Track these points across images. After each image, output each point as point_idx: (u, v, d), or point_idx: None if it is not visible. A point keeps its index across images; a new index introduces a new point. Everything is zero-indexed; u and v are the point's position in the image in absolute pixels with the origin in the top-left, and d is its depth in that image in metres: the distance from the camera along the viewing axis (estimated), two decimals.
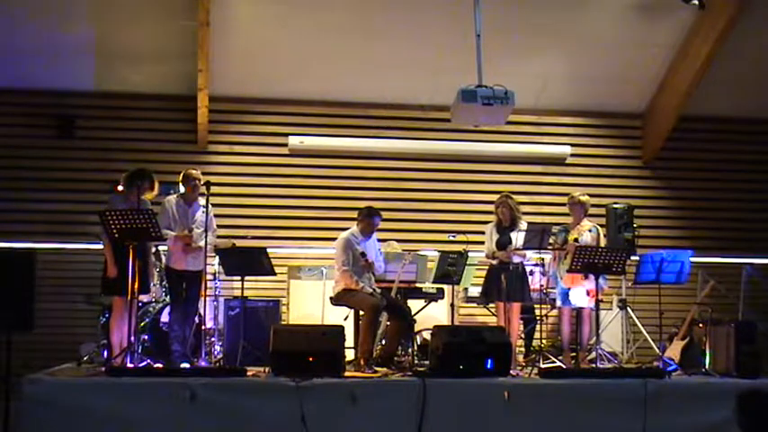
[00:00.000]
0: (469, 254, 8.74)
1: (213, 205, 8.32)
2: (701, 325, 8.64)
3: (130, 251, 7.26)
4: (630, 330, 10.01)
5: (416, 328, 8.87)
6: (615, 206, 10.19)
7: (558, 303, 8.82)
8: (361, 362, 7.95)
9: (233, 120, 10.88)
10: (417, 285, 9.27)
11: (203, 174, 8.52)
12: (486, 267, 8.96)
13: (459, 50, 8.85)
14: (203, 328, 8.39)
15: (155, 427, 6.62)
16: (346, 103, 10.99)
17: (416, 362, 8.42)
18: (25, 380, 6.71)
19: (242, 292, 8.23)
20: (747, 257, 10.81)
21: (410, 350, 8.70)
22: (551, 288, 9.14)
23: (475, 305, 10.01)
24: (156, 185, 7.87)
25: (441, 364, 7.40)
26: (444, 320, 9.10)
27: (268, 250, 8.31)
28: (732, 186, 11.56)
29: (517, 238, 8.52)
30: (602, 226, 9.46)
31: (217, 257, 8.75)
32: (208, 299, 8.48)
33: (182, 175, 8.32)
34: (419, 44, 10.13)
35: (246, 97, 10.83)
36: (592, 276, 8.18)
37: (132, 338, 7.41)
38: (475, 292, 9.73)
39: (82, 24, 9.78)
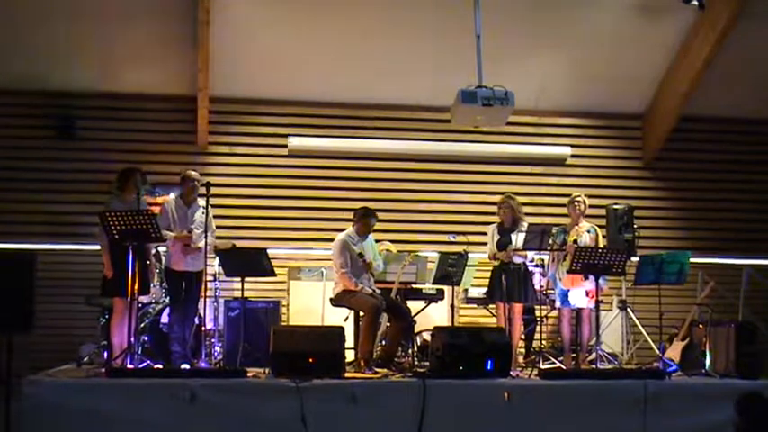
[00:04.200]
0: (469, 255, 8.73)
1: (213, 206, 8.32)
2: (701, 326, 8.66)
3: (130, 252, 7.26)
4: (630, 331, 10.01)
5: (416, 328, 8.88)
6: (615, 207, 10.18)
7: (558, 304, 8.83)
8: (362, 363, 7.96)
9: (233, 120, 10.87)
10: (417, 286, 9.28)
11: (203, 174, 8.53)
12: (488, 268, 8.97)
13: (459, 51, 8.85)
14: (203, 329, 8.39)
15: (155, 428, 6.64)
16: (346, 104, 10.98)
17: (416, 363, 8.43)
18: (25, 381, 6.73)
19: (242, 293, 8.21)
20: (747, 258, 10.81)
21: (410, 351, 8.71)
22: (551, 289, 9.14)
23: (475, 306, 10.01)
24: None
25: (441, 364, 7.40)
26: (444, 321, 9.10)
27: (268, 251, 8.30)
28: (732, 187, 11.54)
29: (517, 238, 8.53)
30: (602, 227, 9.46)
31: (217, 258, 8.75)
32: (208, 300, 8.47)
33: (180, 176, 8.33)
34: (419, 45, 10.13)
35: (246, 98, 10.81)
36: (591, 277, 8.19)
37: (132, 339, 7.41)
38: (475, 292, 9.73)
39: (81, 24, 9.77)
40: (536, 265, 9.15)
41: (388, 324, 8.56)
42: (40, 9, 9.56)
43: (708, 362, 8.20)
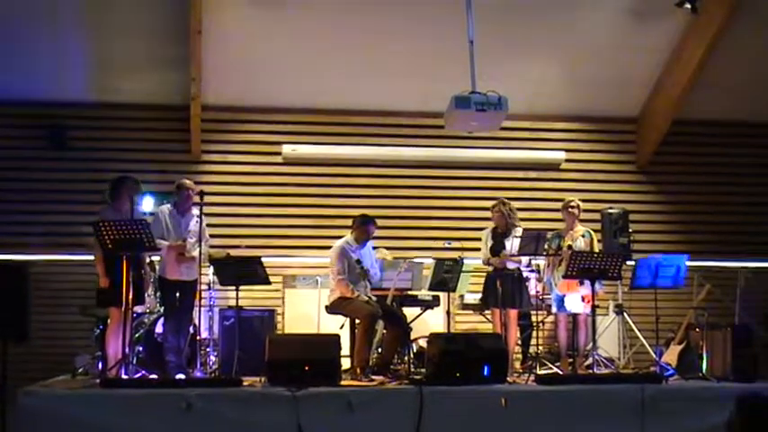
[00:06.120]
0: (465, 261, 8.72)
1: (207, 215, 8.29)
2: (697, 329, 8.65)
3: (124, 262, 7.23)
4: (627, 335, 10.01)
5: (412, 335, 8.84)
6: (610, 211, 10.18)
7: (554, 310, 8.82)
8: (358, 370, 7.94)
9: (226, 129, 10.85)
10: (413, 293, 9.26)
11: (197, 183, 8.50)
12: (483, 274, 8.95)
13: (453, 57, 8.83)
14: (198, 338, 8.37)
15: None
16: (340, 111, 10.96)
17: (413, 370, 8.38)
18: (20, 392, 6.70)
19: (237, 302, 8.18)
20: (743, 261, 10.80)
21: (406, 358, 8.66)
22: (547, 294, 9.13)
23: (471, 312, 9.99)
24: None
25: (437, 371, 7.39)
26: (440, 328, 9.08)
27: (263, 259, 8.27)
28: (726, 190, 11.54)
29: (511, 244, 8.52)
30: (596, 231, 9.46)
31: (211, 267, 8.72)
32: (202, 309, 8.44)
33: (174, 185, 8.30)
34: (412, 51, 10.11)
35: (239, 106, 10.79)
36: (587, 282, 8.18)
37: (127, 350, 7.38)
38: (471, 299, 9.71)
39: (74, 34, 9.75)
40: (532, 270, 9.14)
41: (385, 331, 8.54)
42: (32, 19, 9.53)
43: (704, 365, 8.19)
